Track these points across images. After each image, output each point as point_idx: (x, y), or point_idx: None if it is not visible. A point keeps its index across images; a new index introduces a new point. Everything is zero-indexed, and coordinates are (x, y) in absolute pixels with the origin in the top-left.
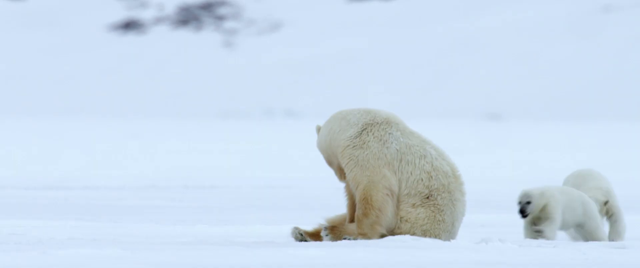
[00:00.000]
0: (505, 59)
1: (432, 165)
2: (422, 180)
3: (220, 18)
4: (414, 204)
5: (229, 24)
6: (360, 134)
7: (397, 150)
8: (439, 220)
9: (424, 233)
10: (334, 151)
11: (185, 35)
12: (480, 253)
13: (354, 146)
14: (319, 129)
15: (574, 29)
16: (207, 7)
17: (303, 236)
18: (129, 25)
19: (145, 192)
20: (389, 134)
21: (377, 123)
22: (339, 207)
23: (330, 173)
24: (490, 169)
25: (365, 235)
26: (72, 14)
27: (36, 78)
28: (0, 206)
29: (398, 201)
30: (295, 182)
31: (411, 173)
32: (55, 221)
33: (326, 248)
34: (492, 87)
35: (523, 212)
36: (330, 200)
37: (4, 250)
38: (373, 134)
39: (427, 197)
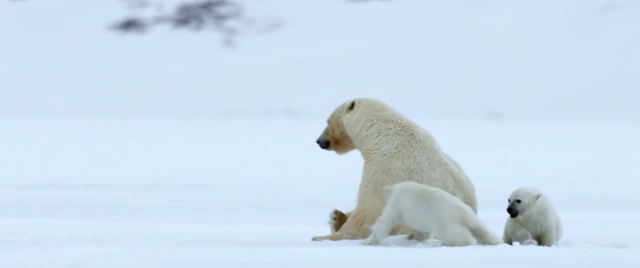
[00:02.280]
0: (505, 58)
1: None
2: None
3: (221, 17)
4: None
5: (229, 24)
6: (392, 156)
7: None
8: None
9: None
10: (357, 142)
11: (186, 34)
12: (481, 252)
13: (382, 168)
14: (350, 106)
15: (573, 29)
16: (207, 7)
17: (335, 219)
18: (129, 25)
19: (146, 191)
20: (418, 163)
21: (412, 146)
22: (339, 207)
23: (332, 173)
24: (490, 168)
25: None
26: (72, 13)
27: (36, 78)
28: (0, 205)
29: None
30: (295, 182)
31: None
32: (56, 220)
33: (327, 247)
34: (492, 87)
35: (511, 211)
36: (330, 200)
37: (5, 249)
38: (403, 161)
39: None
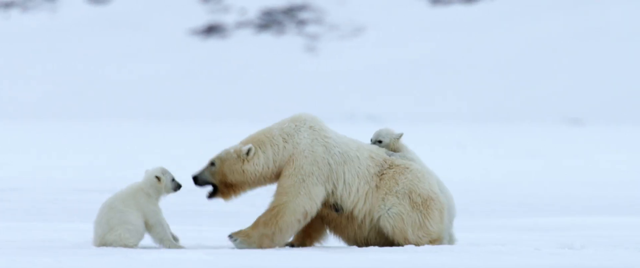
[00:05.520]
0: (587, 62)
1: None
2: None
3: (303, 22)
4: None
5: (311, 29)
6: (311, 146)
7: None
8: None
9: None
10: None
11: (268, 39)
12: (562, 257)
13: (308, 159)
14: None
15: None
16: (289, 12)
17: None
18: (211, 30)
19: None
20: (331, 138)
21: (315, 132)
22: None
23: None
24: (572, 174)
25: (248, 237)
26: (154, 17)
27: (118, 81)
28: (81, 210)
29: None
30: None
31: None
32: None
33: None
34: (573, 91)
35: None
36: None
37: (85, 254)
38: (320, 146)
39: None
